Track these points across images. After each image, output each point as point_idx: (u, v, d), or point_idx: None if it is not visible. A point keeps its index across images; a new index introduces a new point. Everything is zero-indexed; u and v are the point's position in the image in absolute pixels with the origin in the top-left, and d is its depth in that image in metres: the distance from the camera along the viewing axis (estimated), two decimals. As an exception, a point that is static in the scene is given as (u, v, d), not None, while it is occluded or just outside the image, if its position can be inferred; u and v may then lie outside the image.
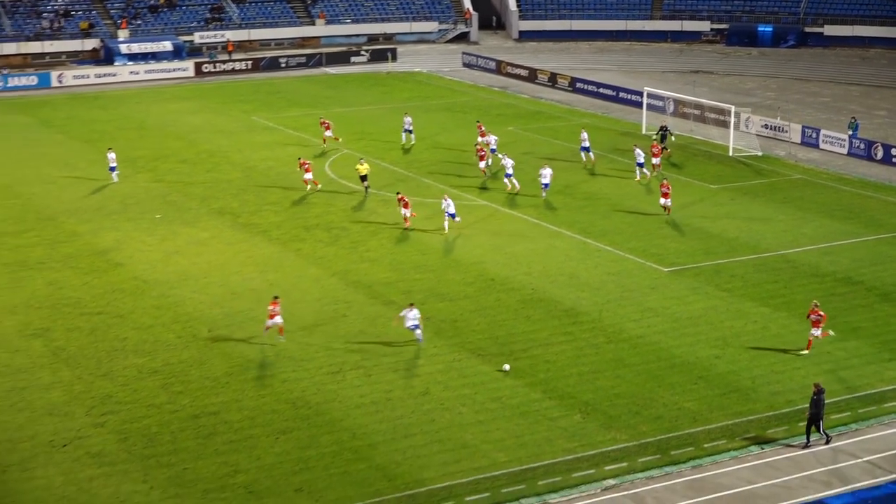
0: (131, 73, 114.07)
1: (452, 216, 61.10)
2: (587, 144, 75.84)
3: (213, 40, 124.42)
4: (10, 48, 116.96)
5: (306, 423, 40.95)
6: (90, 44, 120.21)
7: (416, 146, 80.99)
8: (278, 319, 46.63)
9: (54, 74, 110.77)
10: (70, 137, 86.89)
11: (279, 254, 58.84)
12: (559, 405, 42.32)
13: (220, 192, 69.78)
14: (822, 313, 45.89)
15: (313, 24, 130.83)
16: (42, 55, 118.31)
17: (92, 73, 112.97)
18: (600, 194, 69.29)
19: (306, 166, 69.31)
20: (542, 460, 38.50)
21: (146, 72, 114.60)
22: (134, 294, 53.34)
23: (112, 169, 72.18)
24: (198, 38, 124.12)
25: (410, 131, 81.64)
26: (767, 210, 66.68)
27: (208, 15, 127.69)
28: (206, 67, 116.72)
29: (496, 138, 76.68)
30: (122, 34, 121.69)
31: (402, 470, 37.91)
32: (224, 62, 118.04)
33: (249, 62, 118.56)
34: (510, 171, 69.16)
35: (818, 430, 39.07)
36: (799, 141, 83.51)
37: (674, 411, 41.94)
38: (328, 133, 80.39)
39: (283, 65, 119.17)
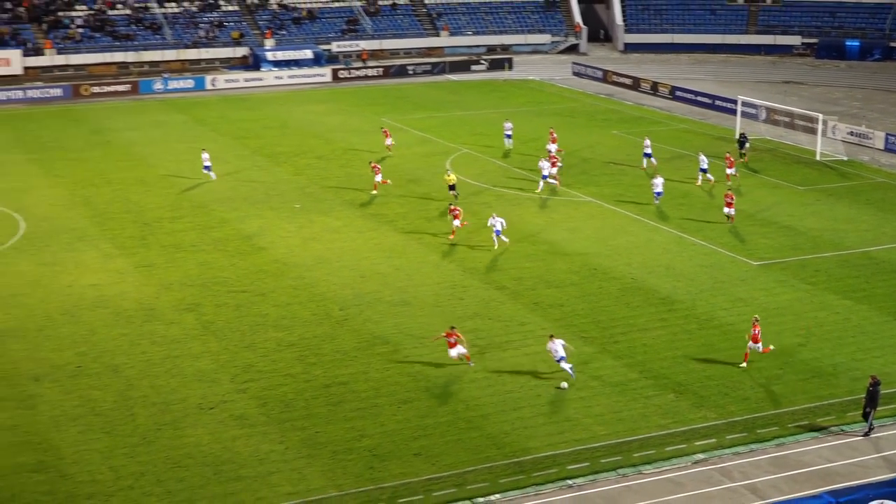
0: (276, 77, 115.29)
1: (499, 234, 57.26)
2: (649, 151, 74.78)
3: (348, 49, 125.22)
4: (171, 55, 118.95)
5: (425, 394, 41.12)
6: (240, 51, 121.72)
7: (529, 146, 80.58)
8: (461, 349, 42.58)
9: (208, 78, 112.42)
10: (220, 134, 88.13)
11: (404, 242, 59.09)
12: (654, 385, 41.95)
13: (352, 185, 70.24)
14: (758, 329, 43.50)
15: (438, 35, 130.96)
16: (198, 61, 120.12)
17: (241, 78, 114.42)
18: (694, 194, 68.39)
19: (377, 169, 68.67)
20: (637, 434, 38.23)
21: (289, 77, 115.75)
22: (275, 275, 53.98)
23: (207, 168, 71.95)
24: (335, 47, 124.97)
25: (510, 136, 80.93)
26: (851, 211, 65.31)
27: (345, 26, 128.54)
28: (341, 73, 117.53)
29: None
30: (269, 43, 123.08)
31: (510, 439, 37.89)
32: (358, 69, 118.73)
33: (380, 69, 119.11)
34: (546, 174, 68.70)
35: (865, 420, 38.15)
36: (882, 147, 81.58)
37: (760, 393, 41.34)
38: (389, 141, 79.08)
39: (411, 72, 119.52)
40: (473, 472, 35.83)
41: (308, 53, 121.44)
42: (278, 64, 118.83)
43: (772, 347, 43.87)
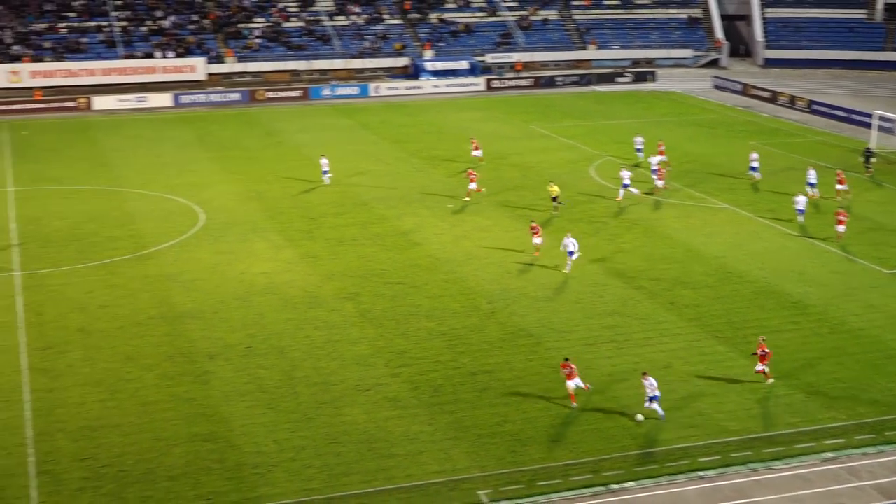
0: (434, 86, 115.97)
1: (571, 254, 53.34)
2: (756, 165, 72.51)
3: (501, 61, 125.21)
4: (338, 64, 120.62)
5: (565, 385, 40.79)
6: (402, 61, 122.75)
7: (669, 153, 79.27)
8: (577, 381, 39.30)
9: (372, 86, 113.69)
10: (382, 138, 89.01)
11: (548, 242, 58.74)
12: (785, 384, 40.85)
13: (501, 187, 70.19)
14: (767, 349, 40.54)
15: (585, 48, 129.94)
16: (363, 70, 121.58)
17: (402, 86, 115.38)
18: (825, 205, 66.29)
19: (472, 177, 67.82)
20: (767, 431, 37.32)
21: (446, 86, 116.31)
22: (428, 269, 54.27)
23: (325, 173, 71.67)
24: (489, 58, 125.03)
25: (640, 150, 79.09)
26: (984, 223, 62.68)
27: (499, 39, 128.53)
28: (494, 83, 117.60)
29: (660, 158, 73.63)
30: (428, 54, 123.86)
31: (644, 430, 37.36)
32: (510, 79, 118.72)
33: (531, 79, 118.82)
34: (627, 182, 66.64)
35: None
36: None
37: (890, 397, 39.91)
38: (477, 153, 77.07)
39: (559, 83, 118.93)
40: (609, 460, 35.45)
41: (464, 64, 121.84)
42: (436, 73, 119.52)
43: (767, 375, 40.73)
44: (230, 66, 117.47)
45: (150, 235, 59.97)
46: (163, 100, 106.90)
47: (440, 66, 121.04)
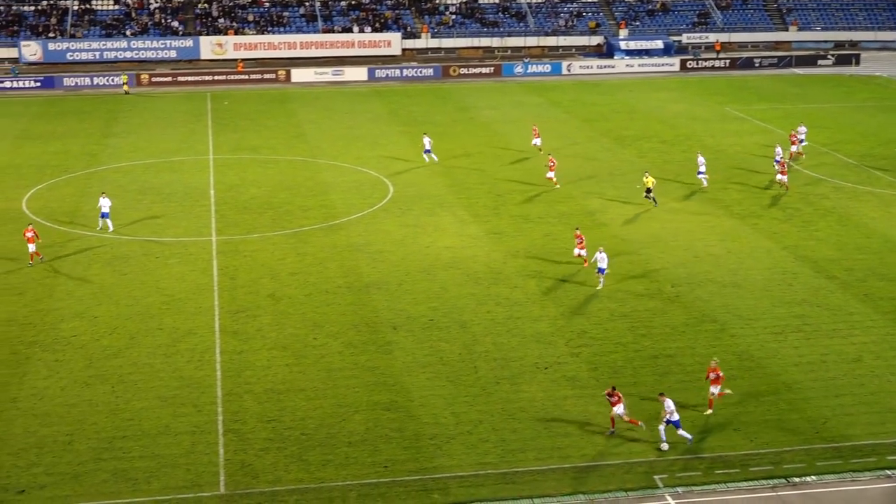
0: (627, 65, 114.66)
1: (602, 271, 48.53)
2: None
3: (697, 41, 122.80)
4: (532, 41, 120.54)
5: (748, 373, 39.91)
6: (595, 40, 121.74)
7: (870, 141, 76.21)
8: (622, 408, 35.48)
9: (564, 64, 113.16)
10: (572, 116, 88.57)
11: (738, 226, 57.46)
12: (984, 385, 38.92)
13: (691, 170, 68.91)
14: (720, 373, 37.04)
15: (786, 30, 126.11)
16: (556, 48, 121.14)
17: (595, 65, 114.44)
18: None
19: (552, 164, 65.81)
20: (962, 433, 35.64)
21: (639, 65, 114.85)
22: (612, 249, 53.70)
23: (427, 151, 71.05)
24: (685, 38, 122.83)
25: (803, 141, 74.58)
26: None
27: (696, 19, 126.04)
28: (689, 64, 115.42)
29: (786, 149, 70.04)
30: (622, 33, 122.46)
31: (830, 424, 36.20)
32: (706, 59, 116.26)
33: (727, 60, 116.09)
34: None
35: None
36: None
37: None
38: (536, 140, 73.99)
39: (757, 64, 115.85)
40: (790, 452, 34.51)
41: (659, 44, 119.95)
42: (630, 53, 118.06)
43: (728, 391, 37.83)
44: (425, 41, 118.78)
45: (341, 206, 61.34)
46: (358, 74, 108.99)
47: (634, 45, 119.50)
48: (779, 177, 63.84)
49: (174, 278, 49.87)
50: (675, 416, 34.74)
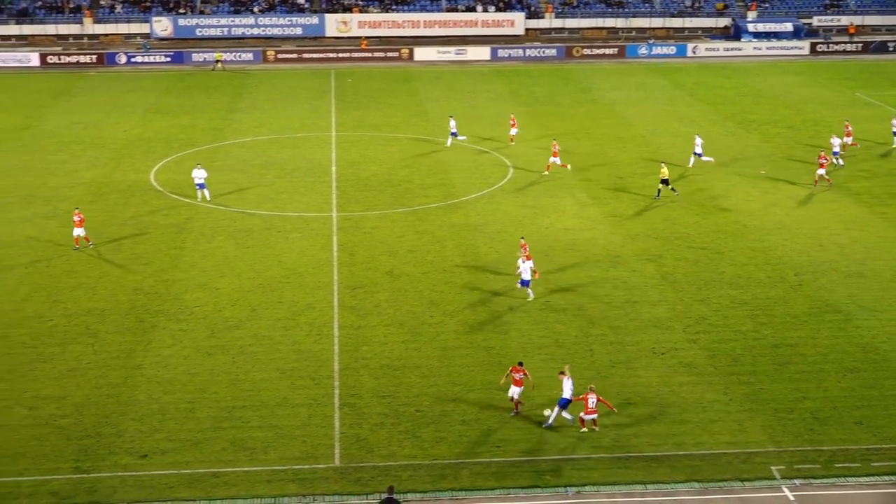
0: (754, 48, 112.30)
1: (525, 283, 44.64)
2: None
3: (829, 24, 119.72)
4: (657, 22, 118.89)
5: (873, 366, 38.92)
6: (722, 22, 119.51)
7: None
8: (520, 390, 35.39)
9: (690, 46, 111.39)
10: (696, 100, 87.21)
11: (865, 216, 55.99)
12: None
13: (817, 155, 67.31)
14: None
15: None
16: (682, 29, 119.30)
17: (721, 47, 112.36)
18: None
19: (555, 150, 63.68)
20: None
21: (767, 48, 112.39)
22: (734, 235, 52.92)
23: (453, 134, 69.59)
24: (816, 21, 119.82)
25: None
26: None
27: (828, 1, 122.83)
28: (819, 47, 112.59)
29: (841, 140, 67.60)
30: (751, 15, 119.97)
31: (957, 422, 35.16)
32: (836, 43, 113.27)
33: (859, 44, 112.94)
34: None
35: None
36: None
37: None
38: (513, 131, 70.85)
39: (892, 48, 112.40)
40: (915, 448, 33.62)
41: (788, 26, 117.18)
42: (758, 35, 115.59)
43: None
44: (549, 21, 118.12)
45: (460, 185, 61.48)
46: (481, 53, 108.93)
47: (763, 27, 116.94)
48: (820, 171, 60.55)
49: (295, 252, 50.65)
50: (567, 396, 34.56)
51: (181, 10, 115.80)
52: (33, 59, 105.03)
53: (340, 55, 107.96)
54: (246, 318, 43.17)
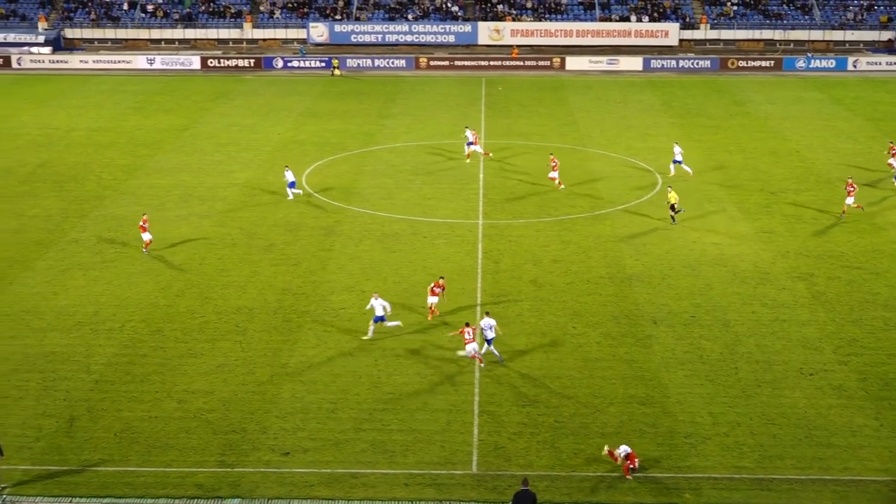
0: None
1: (489, 342, 40.32)
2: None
3: None
4: (817, 35, 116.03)
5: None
6: (886, 35, 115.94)
7: None
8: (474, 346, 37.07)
9: (850, 60, 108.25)
10: (855, 115, 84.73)
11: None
12: None
13: (985, 176, 64.82)
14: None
15: None
16: (842, 42, 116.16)
17: (883, 61, 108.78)
18: None
19: (555, 164, 59.83)
20: None
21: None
22: (891, 256, 51.20)
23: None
24: None
25: None
26: None
27: None
28: None
29: None
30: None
31: None
32: None
33: None
34: None
35: None
36: None
37: None
38: (474, 148, 68.09)
39: None
40: None
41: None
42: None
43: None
44: (703, 32, 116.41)
45: (607, 196, 61.02)
46: (633, 63, 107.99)
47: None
48: (848, 200, 56.84)
49: (440, 258, 50.99)
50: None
51: (337, 17, 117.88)
52: (195, 62, 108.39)
53: (492, 63, 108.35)
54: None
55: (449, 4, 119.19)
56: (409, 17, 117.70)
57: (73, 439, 34.76)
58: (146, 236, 51.69)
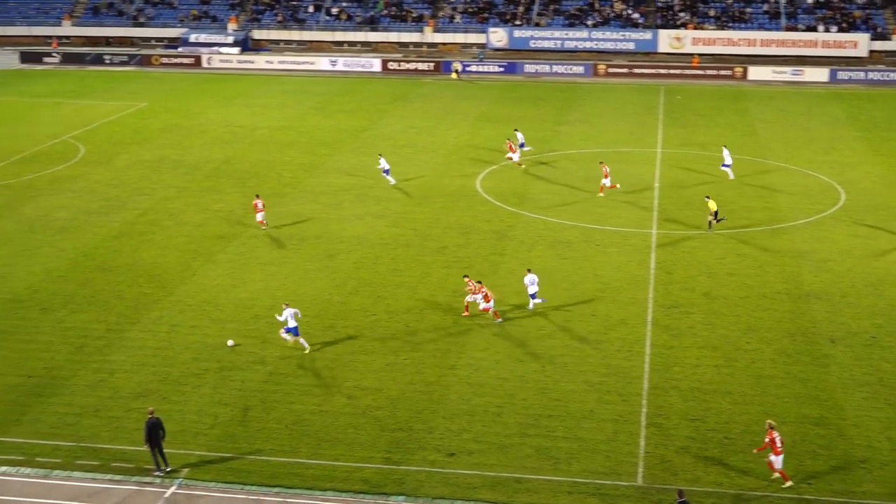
0: None
1: (533, 296, 45.22)
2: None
3: None
4: None
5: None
6: None
7: None
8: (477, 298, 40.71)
9: None
10: None
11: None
12: None
13: None
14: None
15: None
16: None
17: None
18: None
19: (605, 171, 56.46)
20: None
21: None
22: None
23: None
24: None
25: None
26: None
27: None
28: None
29: None
30: None
31: None
32: None
33: None
34: None
35: None
36: None
37: None
38: (512, 155, 67.28)
39: None
40: None
41: None
42: None
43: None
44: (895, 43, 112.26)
45: (787, 210, 59.47)
46: (818, 74, 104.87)
47: None
48: None
49: (611, 267, 50.60)
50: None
51: (517, 22, 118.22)
52: (375, 64, 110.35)
53: (671, 71, 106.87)
54: (558, 329, 43.53)
55: (629, 11, 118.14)
56: (589, 23, 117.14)
57: (246, 428, 35.83)
58: (259, 216, 56.08)
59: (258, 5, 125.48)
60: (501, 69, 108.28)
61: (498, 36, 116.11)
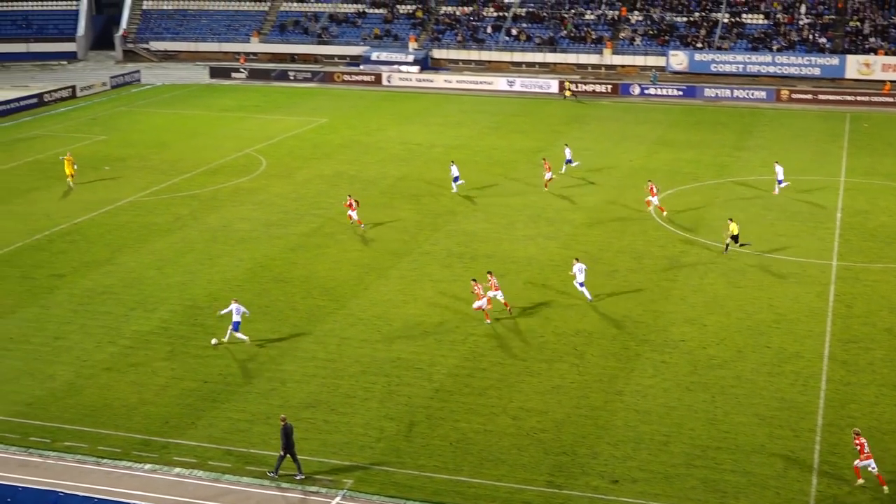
0: None
1: (581, 284, 48.82)
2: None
3: None
4: None
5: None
6: None
7: None
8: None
9: None
10: None
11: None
12: None
13: None
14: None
15: None
16: None
17: None
18: None
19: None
20: None
21: None
22: None
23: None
24: None
25: None
26: None
27: None
28: None
29: None
30: None
31: None
32: None
33: None
34: None
35: None
36: None
37: None
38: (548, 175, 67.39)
39: None
40: None
41: None
42: None
43: None
44: None
45: (979, 245, 56.83)
46: None
47: None
48: None
49: (788, 298, 49.25)
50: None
51: (698, 45, 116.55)
52: (552, 85, 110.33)
53: (858, 98, 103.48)
54: (730, 359, 42.59)
55: (816, 36, 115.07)
56: (774, 47, 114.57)
57: (410, 443, 36.18)
58: (353, 214, 59.96)
59: (439, 25, 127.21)
60: (680, 93, 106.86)
61: (678, 59, 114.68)
